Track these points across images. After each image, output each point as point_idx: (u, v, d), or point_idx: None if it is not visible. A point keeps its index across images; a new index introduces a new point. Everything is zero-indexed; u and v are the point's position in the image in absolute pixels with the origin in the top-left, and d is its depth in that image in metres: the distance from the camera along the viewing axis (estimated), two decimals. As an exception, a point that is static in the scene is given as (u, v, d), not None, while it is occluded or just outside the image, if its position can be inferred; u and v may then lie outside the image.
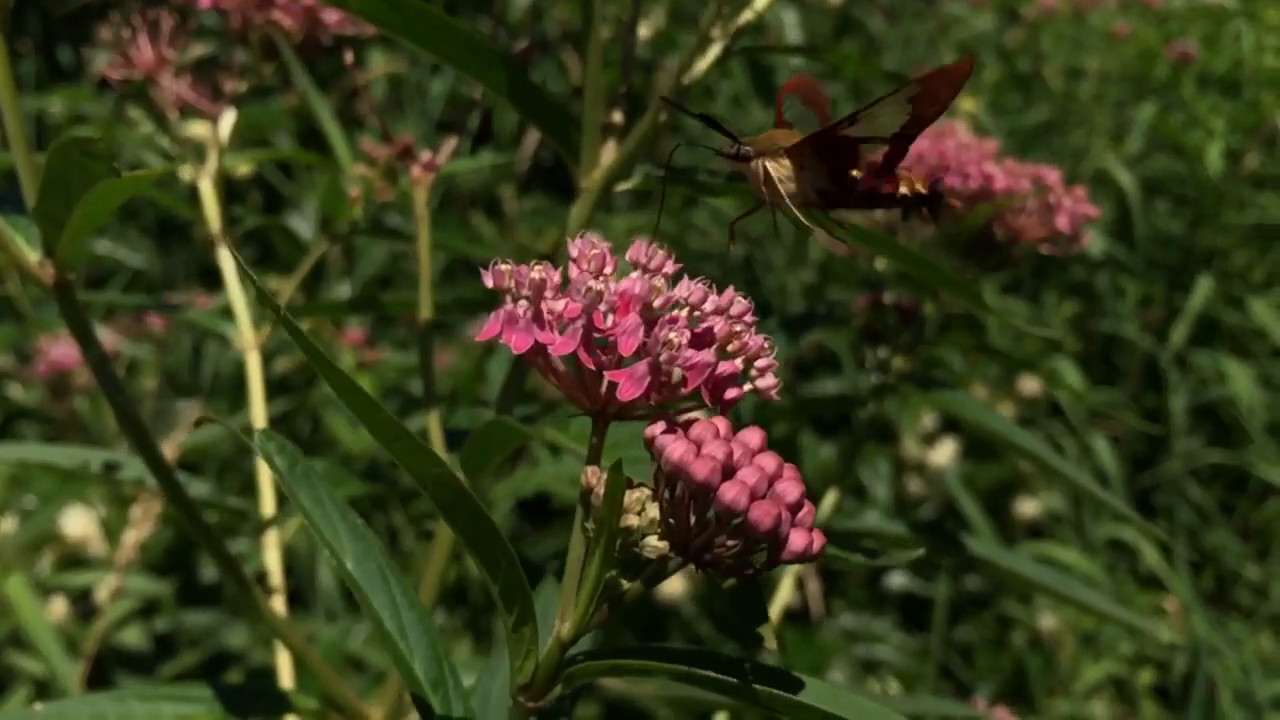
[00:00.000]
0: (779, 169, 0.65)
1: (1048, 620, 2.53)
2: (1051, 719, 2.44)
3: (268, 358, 2.53)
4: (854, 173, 0.66)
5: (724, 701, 0.91)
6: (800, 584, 2.41)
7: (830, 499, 1.22)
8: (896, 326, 1.20)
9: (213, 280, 2.90)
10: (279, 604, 1.06)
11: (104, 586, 1.66)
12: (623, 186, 0.88)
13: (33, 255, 0.80)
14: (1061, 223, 1.12)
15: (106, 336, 2.27)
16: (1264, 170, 2.94)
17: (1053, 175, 1.13)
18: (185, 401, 2.44)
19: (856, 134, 0.65)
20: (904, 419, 2.07)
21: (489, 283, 0.54)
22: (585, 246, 0.54)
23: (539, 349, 0.53)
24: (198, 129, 1.11)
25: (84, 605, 1.89)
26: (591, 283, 0.52)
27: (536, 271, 0.53)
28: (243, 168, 1.11)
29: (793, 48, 0.93)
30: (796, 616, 2.41)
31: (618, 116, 0.87)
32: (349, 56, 1.12)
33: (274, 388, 2.61)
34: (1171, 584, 2.46)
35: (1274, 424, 2.73)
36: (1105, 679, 2.46)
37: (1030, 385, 2.82)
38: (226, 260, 1.13)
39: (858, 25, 3.53)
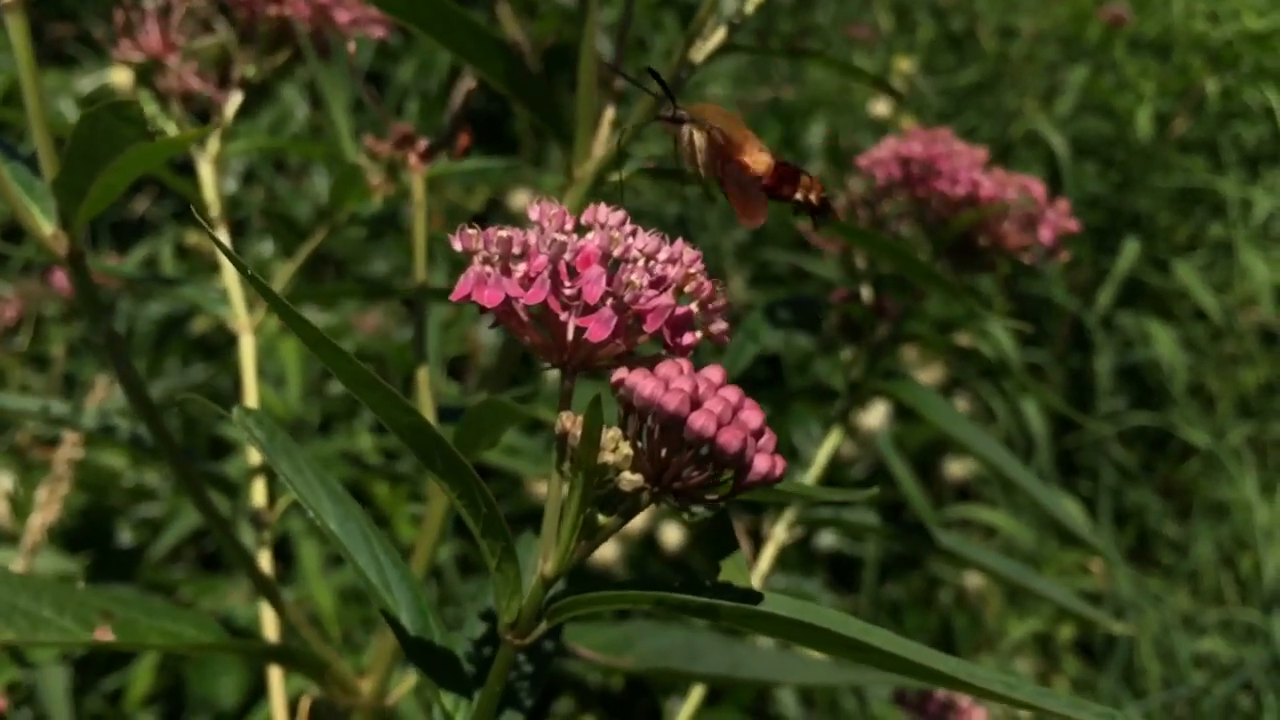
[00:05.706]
0: (700, 139, 0.69)
1: (974, 579, 2.57)
2: (977, 675, 2.47)
3: (186, 317, 2.44)
4: (754, 164, 0.70)
5: (704, 673, 0.96)
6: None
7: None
8: (872, 322, 1.21)
9: (124, 235, 2.79)
10: (265, 562, 1.08)
11: (12, 565, 1.59)
12: (615, 177, 0.92)
13: (48, 227, 0.82)
14: (1044, 234, 1.16)
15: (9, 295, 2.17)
16: (1191, 134, 2.97)
17: (1038, 187, 1.15)
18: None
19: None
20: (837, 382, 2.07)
21: (457, 246, 0.57)
22: (545, 208, 0.57)
23: (508, 305, 0.56)
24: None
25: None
26: (556, 235, 0.56)
27: (503, 232, 0.56)
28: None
29: (777, 49, 0.98)
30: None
31: (610, 113, 0.93)
32: (351, 47, 1.14)
33: (193, 346, 2.52)
34: (1095, 542, 2.50)
35: (1195, 386, 2.79)
36: (1029, 636, 2.50)
37: (960, 343, 2.83)
38: (225, 242, 1.12)
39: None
